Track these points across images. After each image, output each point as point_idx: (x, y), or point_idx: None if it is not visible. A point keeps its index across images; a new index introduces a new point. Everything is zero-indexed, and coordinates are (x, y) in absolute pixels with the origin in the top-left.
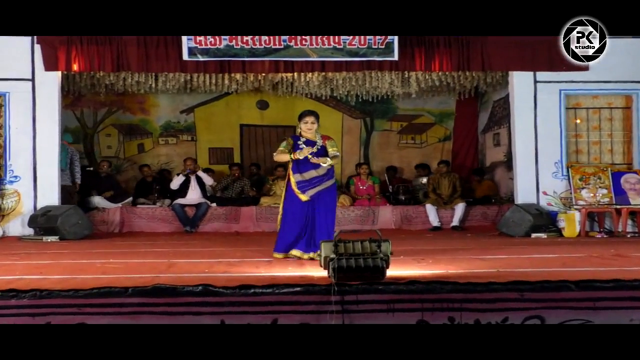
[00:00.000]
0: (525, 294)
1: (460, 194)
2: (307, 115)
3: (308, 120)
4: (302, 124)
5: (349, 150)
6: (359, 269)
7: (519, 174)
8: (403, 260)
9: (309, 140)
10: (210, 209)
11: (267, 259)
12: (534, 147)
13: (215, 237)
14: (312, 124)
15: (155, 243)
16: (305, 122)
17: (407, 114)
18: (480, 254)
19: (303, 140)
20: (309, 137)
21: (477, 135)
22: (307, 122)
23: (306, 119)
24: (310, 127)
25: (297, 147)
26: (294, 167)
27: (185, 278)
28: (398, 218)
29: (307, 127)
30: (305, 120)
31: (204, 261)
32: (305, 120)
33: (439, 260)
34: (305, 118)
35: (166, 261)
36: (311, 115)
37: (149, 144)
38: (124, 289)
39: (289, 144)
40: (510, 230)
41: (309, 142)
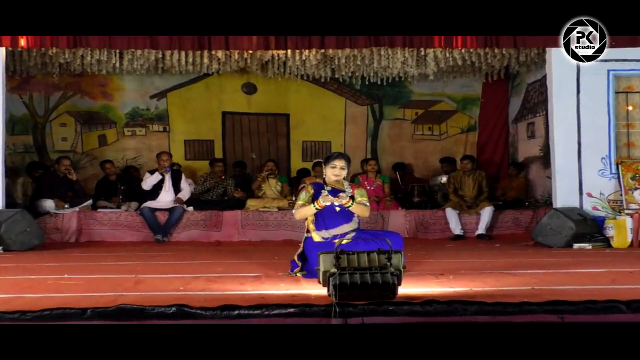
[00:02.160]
0: (566, 316)
1: (488, 196)
2: (336, 159)
3: (337, 164)
4: (329, 168)
5: (353, 143)
6: (365, 285)
7: (558, 171)
8: (418, 276)
9: (335, 189)
10: (186, 214)
11: (254, 274)
12: (577, 140)
13: (192, 247)
14: (341, 170)
15: (120, 255)
16: (334, 167)
17: (424, 99)
18: (511, 268)
19: (328, 190)
20: (336, 187)
21: (507, 125)
22: (335, 166)
23: (335, 162)
24: (338, 174)
25: (319, 196)
26: (319, 221)
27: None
28: (412, 225)
29: (334, 174)
30: (334, 164)
31: (179, 276)
32: (334, 164)
33: (461, 276)
34: (334, 161)
35: (132, 277)
36: (342, 159)
37: (112, 136)
38: (82, 311)
39: (308, 193)
40: (548, 239)
41: (335, 190)
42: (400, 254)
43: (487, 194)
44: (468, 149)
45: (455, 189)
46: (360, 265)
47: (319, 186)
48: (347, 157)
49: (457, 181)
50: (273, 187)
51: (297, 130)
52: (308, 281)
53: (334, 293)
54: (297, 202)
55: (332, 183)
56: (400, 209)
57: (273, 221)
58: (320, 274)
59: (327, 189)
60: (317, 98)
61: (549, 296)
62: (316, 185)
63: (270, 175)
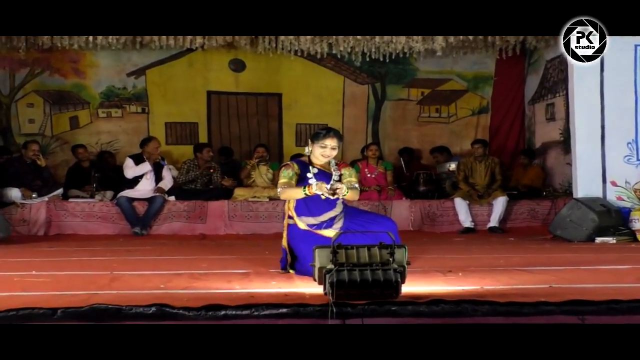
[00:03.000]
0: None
1: (501, 185)
2: (327, 137)
3: (328, 144)
4: (318, 146)
5: (352, 126)
6: (365, 283)
7: (579, 157)
8: (424, 273)
9: (322, 170)
10: (167, 205)
11: (242, 271)
12: (600, 123)
13: (174, 241)
14: (332, 150)
15: (94, 249)
16: (324, 147)
17: (430, 78)
18: (526, 265)
19: (315, 172)
20: (322, 167)
21: (523, 106)
22: (325, 146)
23: (326, 141)
24: (329, 155)
25: (304, 178)
26: (301, 206)
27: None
28: (417, 216)
29: (324, 154)
30: (324, 143)
31: (159, 273)
32: (324, 143)
33: (471, 273)
34: (324, 140)
35: (108, 273)
36: (334, 137)
37: (84, 118)
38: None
39: (293, 171)
40: (568, 232)
41: (322, 173)
42: (405, 248)
43: (500, 182)
44: (479, 132)
45: (465, 177)
46: (360, 261)
47: (304, 165)
48: (339, 135)
49: (468, 168)
50: (264, 175)
51: (290, 112)
52: (302, 278)
53: (331, 291)
54: (280, 179)
55: (318, 163)
56: (404, 199)
57: (264, 212)
58: (316, 270)
59: (313, 170)
60: (312, 76)
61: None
62: (300, 163)
63: (260, 161)
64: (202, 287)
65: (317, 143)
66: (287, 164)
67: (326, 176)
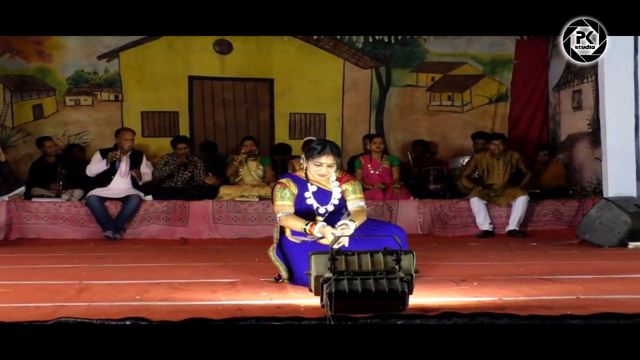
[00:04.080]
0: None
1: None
2: (322, 154)
3: (324, 161)
4: (313, 164)
5: (353, 116)
6: (367, 294)
7: (610, 151)
8: (434, 282)
9: (321, 188)
10: (143, 205)
11: (229, 280)
12: (634, 112)
13: (152, 246)
14: (328, 168)
15: (60, 256)
16: (319, 164)
17: (442, 61)
18: (550, 273)
19: (313, 190)
20: (320, 184)
21: (547, 93)
22: (321, 164)
23: (321, 159)
24: (324, 173)
25: (302, 198)
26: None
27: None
28: (427, 218)
29: (320, 172)
30: (319, 161)
31: (134, 283)
32: (319, 161)
33: (488, 282)
34: (319, 157)
35: (76, 283)
36: (329, 154)
37: (50, 106)
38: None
39: (290, 191)
40: (597, 237)
41: (321, 191)
42: (412, 254)
43: (529, 177)
44: (497, 123)
45: (472, 174)
46: (362, 268)
47: (301, 183)
48: (336, 150)
49: (483, 166)
50: (253, 172)
51: (282, 100)
52: (296, 289)
53: (329, 303)
54: (277, 201)
55: (315, 180)
56: (412, 198)
57: (253, 214)
58: (312, 279)
59: (311, 189)
60: (307, 59)
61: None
62: (297, 180)
63: (249, 156)
64: (184, 298)
65: (311, 160)
66: (283, 182)
67: (325, 195)
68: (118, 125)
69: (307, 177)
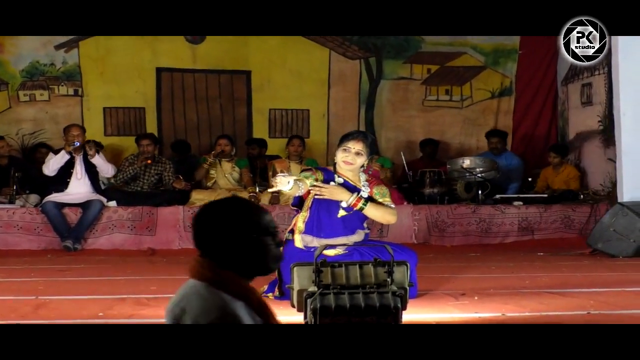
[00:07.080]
0: None
1: None
2: (352, 139)
3: (352, 147)
4: (341, 150)
5: (340, 112)
6: (356, 310)
7: (625, 152)
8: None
9: (348, 182)
10: (106, 212)
11: None
12: None
13: (116, 257)
14: (356, 156)
15: (14, 268)
16: (346, 150)
17: (439, 51)
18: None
19: (339, 182)
20: (348, 178)
21: (555, 86)
22: (348, 149)
23: (349, 143)
24: (351, 161)
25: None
26: (312, 222)
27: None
28: (423, 225)
29: (345, 160)
30: (347, 146)
31: (97, 298)
32: (347, 145)
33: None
34: (347, 142)
35: (33, 298)
36: (359, 140)
37: (2, 102)
38: None
39: (315, 176)
40: (610, 246)
41: (348, 184)
42: (406, 266)
43: None
44: (500, 119)
45: None
46: (350, 281)
47: (328, 174)
48: (368, 138)
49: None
50: (228, 175)
51: (261, 94)
52: (278, 304)
53: (313, 320)
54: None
55: (344, 172)
56: (406, 203)
57: None
58: (294, 294)
59: (337, 180)
60: (289, 49)
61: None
62: (325, 171)
63: (222, 157)
64: (151, 315)
65: (340, 147)
66: (310, 168)
67: (351, 190)
68: (78, 122)
69: (335, 169)
